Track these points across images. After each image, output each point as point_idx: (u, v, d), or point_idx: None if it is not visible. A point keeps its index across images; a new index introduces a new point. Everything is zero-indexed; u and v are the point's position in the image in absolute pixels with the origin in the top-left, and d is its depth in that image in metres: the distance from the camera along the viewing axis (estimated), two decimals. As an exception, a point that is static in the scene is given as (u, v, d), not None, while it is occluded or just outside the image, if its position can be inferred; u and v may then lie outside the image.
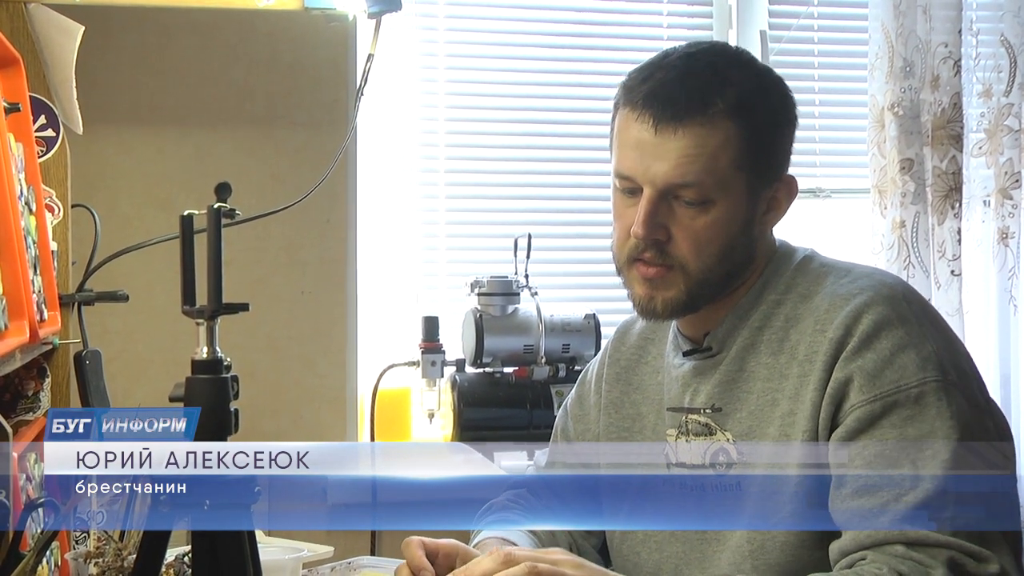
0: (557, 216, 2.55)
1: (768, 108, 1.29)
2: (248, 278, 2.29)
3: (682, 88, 1.25)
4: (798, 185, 1.33)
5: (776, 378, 1.26)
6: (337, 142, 1.89)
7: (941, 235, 2.41)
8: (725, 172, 1.25)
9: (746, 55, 1.35)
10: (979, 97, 2.46)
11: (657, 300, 1.29)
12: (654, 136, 1.25)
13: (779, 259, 1.34)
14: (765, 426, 1.26)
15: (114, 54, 2.23)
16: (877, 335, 1.20)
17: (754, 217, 1.29)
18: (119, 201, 2.23)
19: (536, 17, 2.55)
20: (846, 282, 1.28)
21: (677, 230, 1.26)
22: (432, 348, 2.26)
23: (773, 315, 1.30)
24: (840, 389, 1.20)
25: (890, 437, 1.17)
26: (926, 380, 1.18)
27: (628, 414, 1.43)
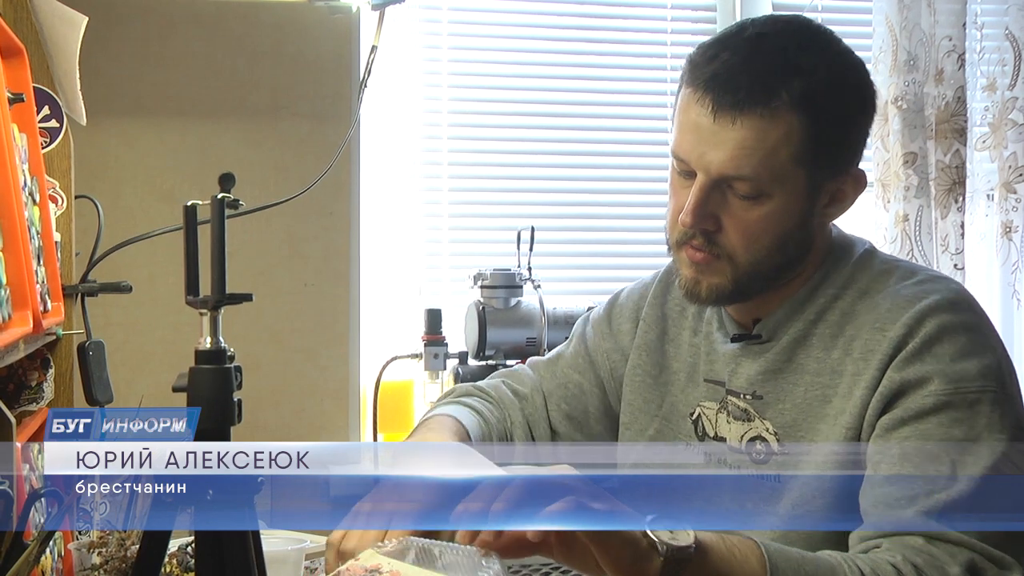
0: (560, 209, 2.55)
1: (839, 99, 1.21)
2: (251, 270, 2.29)
3: (746, 74, 1.17)
4: (867, 178, 1.27)
5: (827, 373, 1.23)
6: (340, 134, 1.90)
7: (944, 229, 2.41)
8: (784, 167, 1.19)
9: (825, 36, 1.24)
10: (983, 91, 2.46)
11: (703, 285, 1.25)
12: (712, 123, 1.18)
13: (838, 252, 1.29)
14: (815, 421, 1.23)
15: (118, 45, 2.23)
16: (940, 339, 1.16)
17: (813, 210, 1.24)
18: (123, 192, 2.24)
19: (540, 10, 2.55)
20: (911, 284, 1.23)
21: (728, 220, 1.21)
22: (435, 340, 2.26)
23: (829, 310, 1.25)
24: (896, 387, 1.17)
25: (935, 434, 1.14)
26: (985, 388, 1.14)
27: (657, 362, 1.40)
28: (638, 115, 2.59)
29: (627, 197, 2.58)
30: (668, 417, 1.37)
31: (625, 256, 2.58)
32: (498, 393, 1.45)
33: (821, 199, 1.24)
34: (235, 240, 2.33)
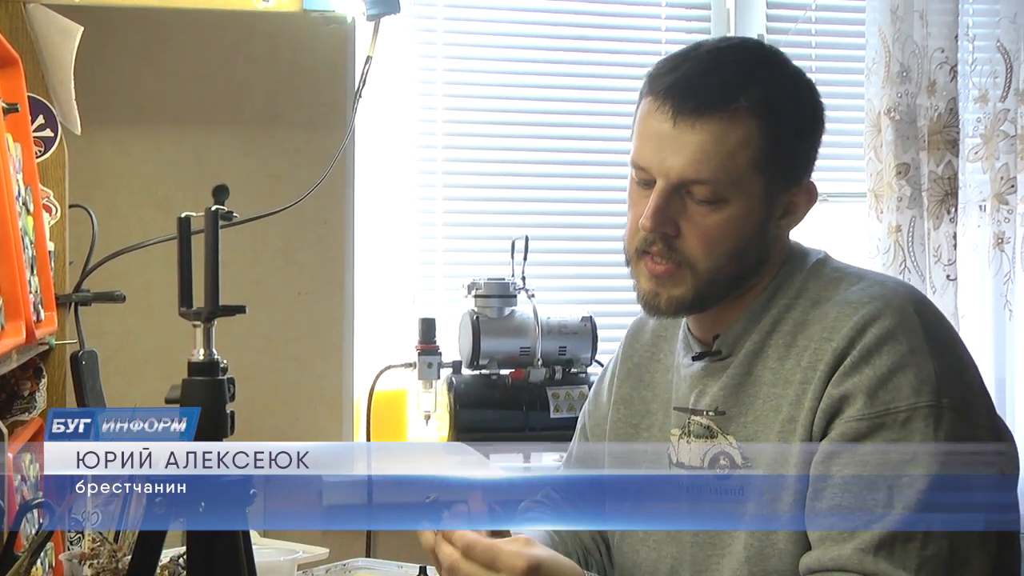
0: (554, 218, 2.55)
1: (794, 111, 1.25)
2: (245, 279, 2.29)
3: (705, 82, 1.22)
4: (818, 192, 1.30)
5: (781, 383, 1.25)
6: (335, 143, 1.90)
7: (937, 240, 2.42)
8: (742, 172, 1.22)
9: (778, 56, 1.30)
10: (975, 102, 2.47)
11: (662, 297, 1.26)
12: (672, 128, 1.21)
13: (792, 262, 1.31)
14: (767, 431, 1.25)
15: (113, 54, 2.23)
16: (878, 350, 1.18)
17: (769, 220, 1.26)
18: (117, 201, 2.24)
19: (534, 20, 2.56)
20: (857, 289, 1.25)
21: (687, 226, 1.23)
22: (429, 350, 2.26)
23: (783, 320, 1.27)
24: (834, 405, 1.19)
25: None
26: (917, 405, 1.15)
27: (637, 411, 1.42)
28: (631, 124, 2.59)
29: (621, 207, 2.57)
30: (653, 460, 1.40)
31: (619, 266, 2.56)
32: (553, 502, 1.50)
33: (776, 209, 1.27)
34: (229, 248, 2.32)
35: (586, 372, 2.31)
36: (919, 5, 2.40)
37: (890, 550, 1.13)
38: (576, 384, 2.29)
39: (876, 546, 1.13)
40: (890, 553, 1.12)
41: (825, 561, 1.16)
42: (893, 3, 2.40)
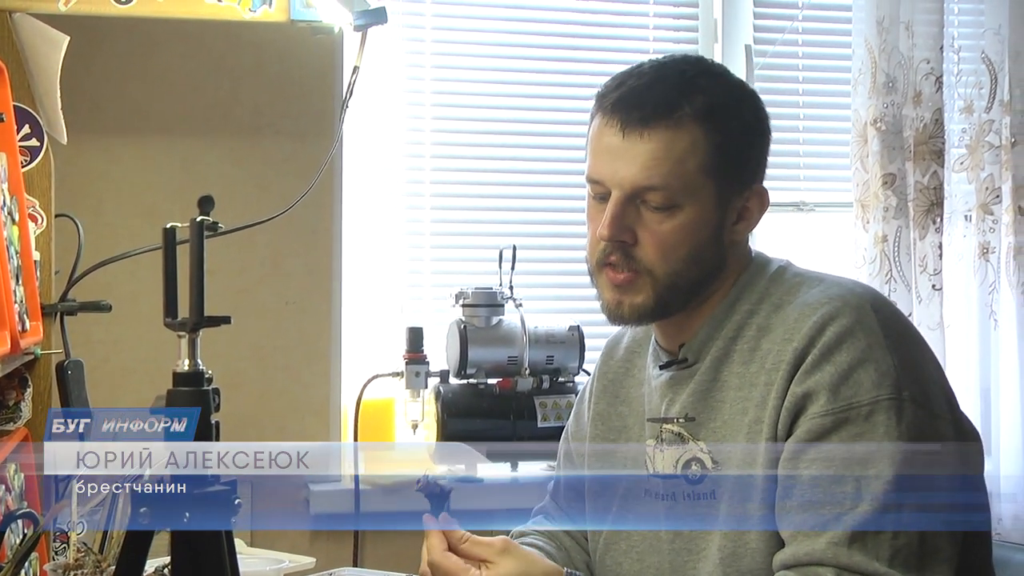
0: (542, 228, 2.56)
1: (738, 117, 1.30)
2: (233, 288, 2.29)
3: (650, 93, 1.27)
4: (770, 197, 1.34)
5: (746, 387, 1.27)
6: (323, 153, 1.90)
7: (923, 249, 2.43)
8: (692, 177, 1.26)
9: (719, 67, 1.36)
10: (960, 113, 2.48)
11: (625, 305, 1.30)
12: (622, 140, 1.27)
13: (753, 269, 1.34)
14: (736, 434, 1.27)
15: (100, 64, 2.23)
16: (838, 347, 1.21)
17: (724, 225, 1.30)
18: (104, 210, 2.23)
19: (522, 30, 2.56)
20: (816, 291, 1.28)
21: (644, 234, 1.27)
22: (416, 359, 2.26)
23: (746, 325, 1.30)
24: (797, 403, 1.21)
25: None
26: (879, 398, 1.18)
27: (614, 426, 1.44)
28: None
29: (608, 216, 2.59)
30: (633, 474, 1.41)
31: (606, 275, 2.59)
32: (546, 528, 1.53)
33: (729, 214, 1.30)
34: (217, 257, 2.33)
35: (573, 381, 2.31)
36: (905, 16, 2.42)
37: (863, 542, 1.15)
38: (563, 393, 2.29)
39: (849, 539, 1.15)
40: (863, 545, 1.15)
41: (800, 556, 1.18)
42: (879, 14, 2.42)
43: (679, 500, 1.32)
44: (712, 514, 1.28)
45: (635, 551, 1.39)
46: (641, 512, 1.39)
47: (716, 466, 1.29)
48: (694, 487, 1.30)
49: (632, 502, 1.41)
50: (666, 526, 1.33)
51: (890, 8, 2.41)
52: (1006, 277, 2.44)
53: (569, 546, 1.52)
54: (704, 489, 1.30)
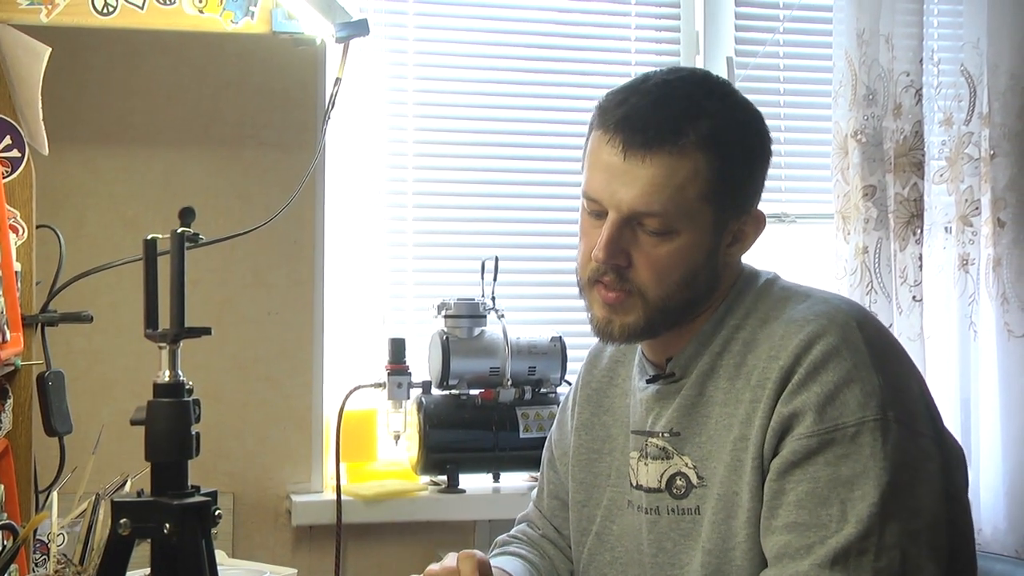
0: (524, 239, 2.56)
1: (742, 143, 1.28)
2: (215, 299, 2.29)
3: (655, 115, 1.24)
4: (766, 219, 1.33)
5: (732, 403, 1.27)
6: (306, 164, 1.90)
7: (903, 261, 2.44)
8: (691, 204, 1.24)
9: (726, 86, 1.33)
10: (940, 125, 2.50)
11: (615, 324, 1.29)
12: (623, 162, 1.25)
13: (742, 284, 1.34)
14: (720, 451, 1.27)
15: (82, 74, 2.23)
16: (824, 366, 1.21)
17: (719, 248, 1.29)
18: (86, 221, 2.23)
19: (504, 42, 2.57)
20: (803, 308, 1.28)
21: (638, 257, 1.26)
22: (398, 370, 2.26)
23: (732, 340, 1.30)
24: (784, 422, 1.21)
25: (823, 475, 1.18)
26: (864, 419, 1.18)
27: (598, 435, 1.45)
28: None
29: (591, 227, 2.60)
30: (616, 483, 1.42)
31: (589, 286, 2.60)
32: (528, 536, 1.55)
33: (725, 238, 1.30)
34: (199, 268, 2.33)
35: (555, 392, 2.32)
36: (885, 29, 2.43)
37: (844, 564, 1.15)
38: (545, 404, 2.30)
39: (832, 560, 1.15)
40: (845, 567, 1.15)
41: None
42: (859, 27, 2.43)
43: (663, 514, 1.31)
44: (696, 530, 1.28)
45: (619, 563, 1.39)
46: (623, 524, 1.39)
47: (701, 481, 1.28)
48: (678, 502, 1.30)
49: (615, 513, 1.41)
50: (648, 540, 1.33)
51: (870, 21, 2.43)
52: (985, 288, 2.46)
53: (552, 554, 1.52)
54: (688, 504, 1.29)
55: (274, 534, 2.34)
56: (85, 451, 1.68)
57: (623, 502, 1.39)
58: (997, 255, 2.44)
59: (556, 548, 1.52)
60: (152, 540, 1.12)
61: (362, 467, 2.37)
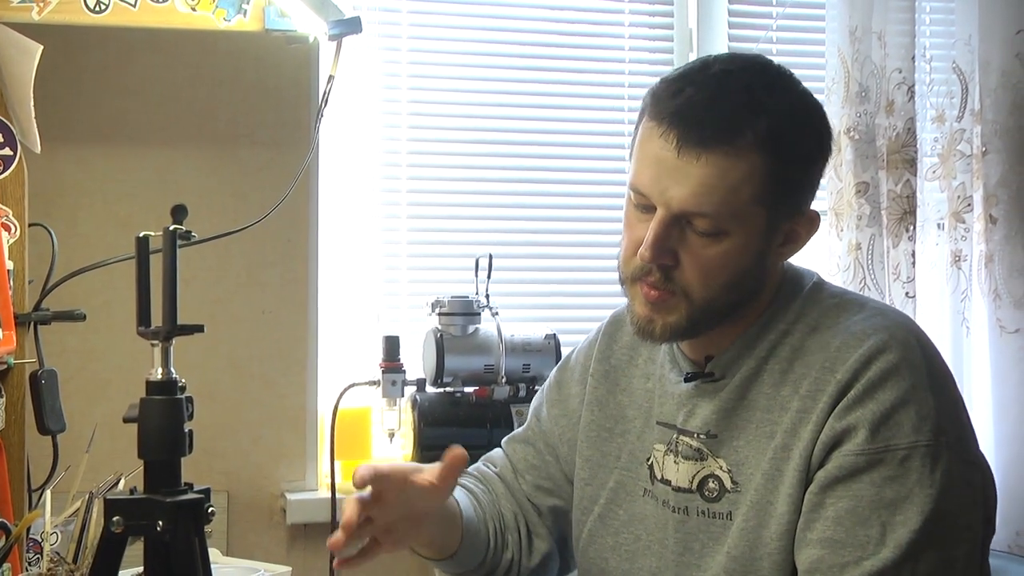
0: (518, 236, 2.57)
1: (800, 143, 1.21)
2: (209, 297, 2.28)
3: (712, 111, 1.17)
4: (820, 218, 1.28)
5: (776, 409, 1.24)
6: (299, 162, 1.90)
7: (896, 257, 2.45)
8: (744, 205, 1.19)
9: (788, 79, 1.24)
10: (932, 122, 2.50)
11: (657, 323, 1.25)
12: (676, 158, 1.17)
13: (788, 286, 1.30)
14: (759, 457, 1.24)
15: (75, 72, 2.22)
16: (883, 384, 1.17)
17: (769, 249, 1.24)
18: (79, 219, 2.23)
19: (498, 39, 2.57)
20: (860, 319, 1.24)
21: (686, 256, 1.21)
22: (393, 367, 2.26)
23: (780, 345, 1.26)
24: (836, 437, 1.18)
25: (867, 494, 1.15)
26: (917, 444, 1.15)
27: (611, 414, 1.41)
28: (595, 143, 2.62)
29: (584, 225, 2.60)
30: (627, 467, 1.39)
31: (582, 283, 2.60)
32: (480, 472, 1.51)
33: (776, 238, 1.25)
34: (193, 267, 2.33)
35: (550, 389, 2.32)
36: (877, 27, 2.44)
37: None
38: (540, 401, 2.29)
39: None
40: None
41: None
42: (852, 24, 2.44)
43: (692, 515, 1.29)
44: (724, 534, 1.26)
45: (624, 549, 1.37)
46: (633, 511, 1.37)
47: (735, 487, 1.25)
48: (709, 505, 1.27)
49: (622, 498, 1.38)
50: (675, 538, 1.30)
51: (862, 18, 2.43)
52: (977, 284, 2.47)
53: (500, 492, 1.48)
54: (720, 509, 1.26)
55: (268, 532, 2.34)
56: (78, 450, 1.68)
57: (636, 489, 1.37)
58: (989, 251, 2.45)
59: (505, 487, 1.49)
60: (145, 538, 1.12)
61: (356, 465, 2.36)
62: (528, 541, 1.45)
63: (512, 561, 1.43)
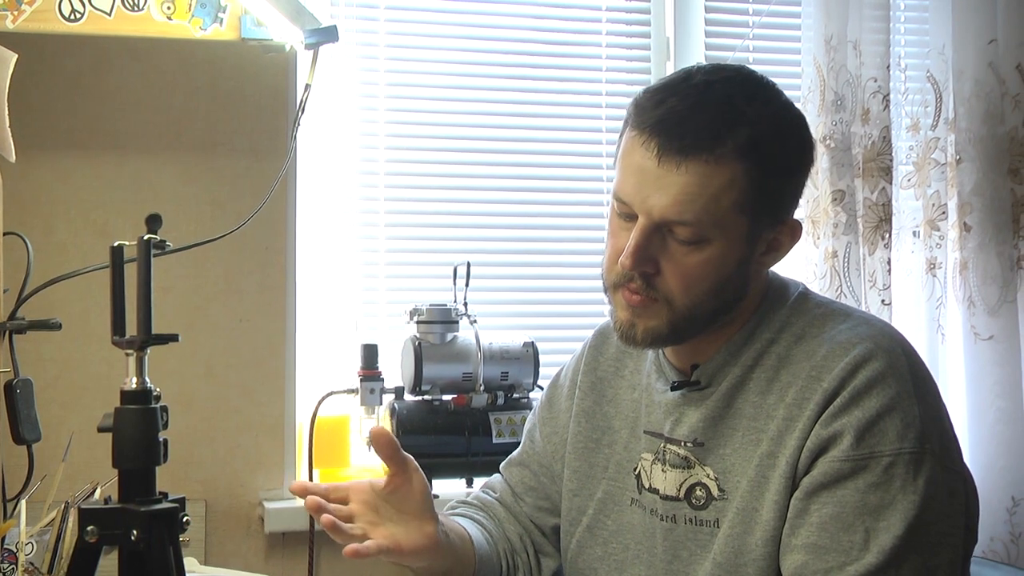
0: (496, 245, 2.57)
1: (782, 151, 1.23)
2: (186, 305, 2.28)
3: (693, 120, 1.19)
4: (802, 228, 1.29)
5: (762, 417, 1.25)
6: (277, 170, 1.90)
7: (872, 265, 2.46)
8: (725, 214, 1.20)
9: (770, 90, 1.26)
10: (907, 131, 2.52)
11: (638, 328, 1.26)
12: (657, 166, 1.19)
13: (773, 295, 1.31)
14: (745, 464, 1.25)
15: (50, 81, 2.22)
16: (868, 392, 1.19)
17: (751, 258, 1.26)
18: (55, 227, 2.22)
19: (476, 48, 2.58)
20: (845, 328, 1.25)
21: (667, 264, 1.22)
22: (371, 376, 2.26)
23: (766, 354, 1.27)
24: (821, 444, 1.19)
25: (851, 500, 1.16)
26: (901, 451, 1.16)
27: (599, 425, 1.42)
28: (573, 151, 2.63)
29: (562, 233, 2.61)
30: (614, 477, 1.40)
31: (560, 291, 2.61)
32: (480, 500, 1.53)
33: (759, 247, 1.26)
34: (170, 275, 2.32)
35: (528, 397, 2.32)
36: (853, 36, 2.46)
37: None
38: (518, 409, 2.30)
39: None
40: None
41: None
42: (827, 33, 2.45)
43: (679, 523, 1.30)
44: (711, 541, 1.27)
45: (613, 559, 1.38)
46: (622, 521, 1.37)
47: (722, 494, 1.26)
48: (696, 512, 1.28)
49: (611, 508, 1.39)
50: (664, 546, 1.31)
51: (838, 27, 2.45)
52: (952, 292, 2.48)
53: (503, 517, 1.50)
54: (707, 516, 1.27)
55: (247, 541, 2.33)
56: (54, 459, 1.67)
57: (623, 499, 1.37)
58: (964, 259, 2.47)
59: (507, 511, 1.51)
60: (120, 547, 1.12)
61: (335, 473, 2.36)
62: (537, 561, 1.48)
63: None
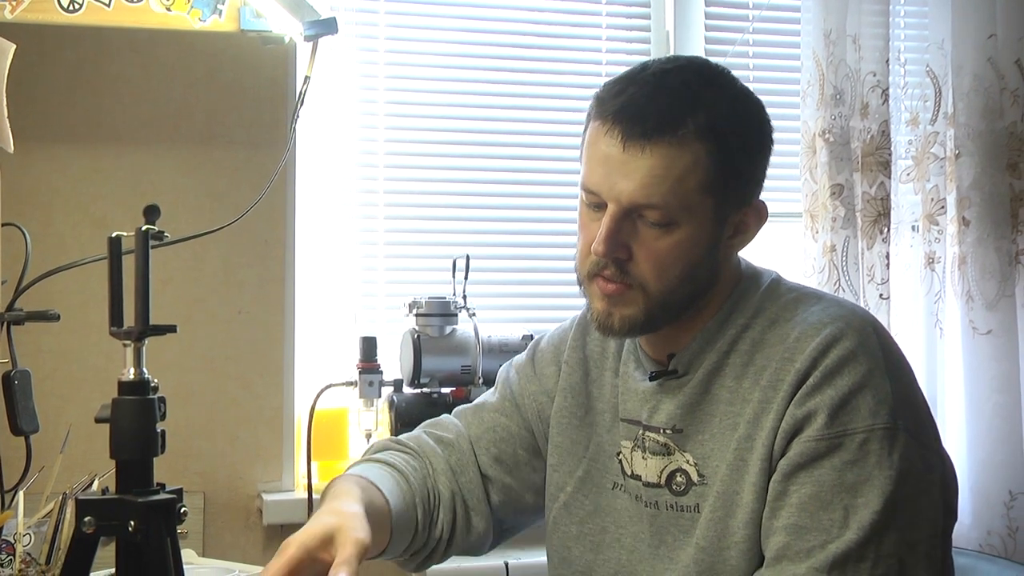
0: (495, 237, 2.57)
1: (742, 132, 1.25)
2: (186, 297, 2.28)
3: (653, 105, 1.22)
4: (768, 210, 1.31)
5: (738, 402, 1.26)
6: (276, 162, 1.90)
7: (870, 259, 2.46)
8: (691, 195, 1.22)
9: (725, 76, 1.29)
10: (906, 125, 2.52)
11: (615, 317, 1.27)
12: (622, 152, 1.21)
13: (746, 283, 1.33)
14: (724, 449, 1.26)
15: (49, 72, 2.22)
16: (840, 370, 1.20)
17: (719, 241, 1.27)
18: (54, 219, 2.22)
19: (476, 40, 2.58)
20: (817, 310, 1.27)
21: (639, 249, 1.24)
22: (370, 368, 2.26)
23: (740, 339, 1.29)
24: (796, 424, 1.20)
25: (828, 479, 1.17)
26: (874, 427, 1.18)
27: (582, 403, 1.43)
28: (572, 144, 2.61)
29: (562, 226, 2.61)
30: (595, 458, 1.40)
31: (559, 284, 2.61)
32: (418, 443, 1.47)
33: (726, 230, 1.28)
34: (169, 267, 2.32)
35: (526, 390, 2.32)
36: (852, 30, 2.45)
37: (842, 570, 1.15)
38: (516, 402, 2.30)
39: (830, 565, 1.15)
40: (842, 572, 1.15)
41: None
42: (827, 27, 2.45)
43: (662, 509, 1.30)
44: (693, 527, 1.28)
45: (588, 539, 1.38)
46: (601, 503, 1.38)
47: (702, 479, 1.28)
48: (677, 499, 1.29)
49: (590, 488, 1.39)
50: (650, 531, 1.32)
51: (837, 21, 2.45)
52: (951, 286, 2.49)
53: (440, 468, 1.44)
54: (688, 502, 1.29)
55: (245, 533, 2.34)
56: (52, 450, 1.67)
57: (604, 482, 1.38)
58: (962, 253, 2.47)
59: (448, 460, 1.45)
60: (117, 538, 1.12)
61: (333, 466, 2.37)
62: (466, 520, 1.43)
63: (440, 539, 1.41)
